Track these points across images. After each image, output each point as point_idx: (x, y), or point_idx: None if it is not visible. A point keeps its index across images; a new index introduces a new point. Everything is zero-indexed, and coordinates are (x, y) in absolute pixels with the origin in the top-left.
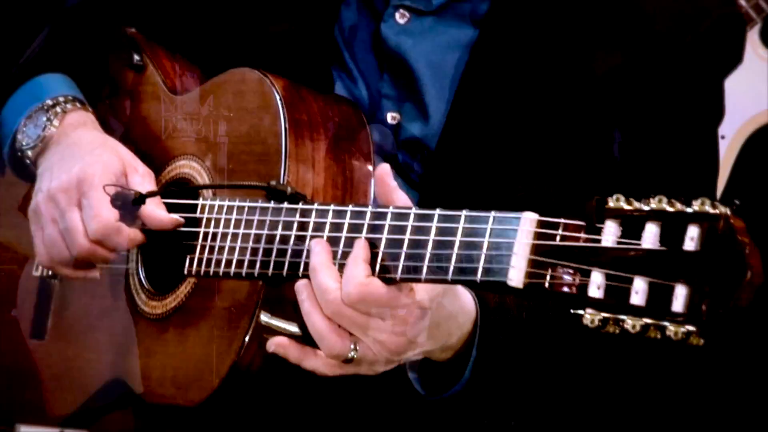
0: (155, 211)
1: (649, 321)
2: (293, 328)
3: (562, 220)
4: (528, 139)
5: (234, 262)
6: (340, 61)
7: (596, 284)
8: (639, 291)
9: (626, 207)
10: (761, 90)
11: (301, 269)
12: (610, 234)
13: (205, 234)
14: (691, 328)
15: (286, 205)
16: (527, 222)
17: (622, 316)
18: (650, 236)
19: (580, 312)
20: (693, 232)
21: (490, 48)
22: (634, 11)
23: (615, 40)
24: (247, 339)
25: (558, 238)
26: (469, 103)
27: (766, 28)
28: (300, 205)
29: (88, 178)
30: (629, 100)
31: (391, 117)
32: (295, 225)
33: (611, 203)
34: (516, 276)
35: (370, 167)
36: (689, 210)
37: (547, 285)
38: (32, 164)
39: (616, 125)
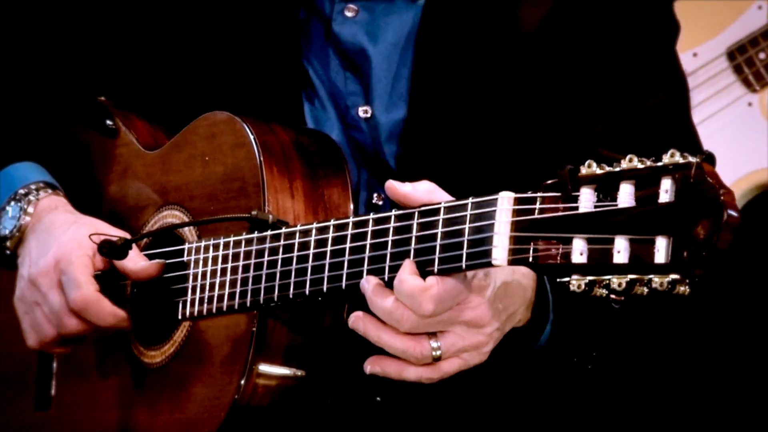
0: (135, 261)
1: (633, 277)
2: (296, 371)
3: (539, 194)
4: (491, 104)
5: (226, 295)
6: (303, 75)
7: (579, 250)
8: (621, 250)
9: (598, 171)
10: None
11: (291, 290)
12: (586, 200)
13: (195, 275)
14: (675, 276)
15: (269, 232)
16: (504, 201)
17: (607, 277)
18: (625, 196)
19: (566, 279)
20: (666, 185)
21: (435, 23)
22: None
23: None
24: (243, 380)
25: (536, 212)
26: (428, 77)
27: None
28: (283, 230)
29: (65, 257)
30: (576, 45)
31: (362, 111)
32: (281, 249)
33: (584, 170)
34: (500, 255)
35: (348, 190)
36: (660, 164)
37: (531, 259)
38: (12, 254)
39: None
